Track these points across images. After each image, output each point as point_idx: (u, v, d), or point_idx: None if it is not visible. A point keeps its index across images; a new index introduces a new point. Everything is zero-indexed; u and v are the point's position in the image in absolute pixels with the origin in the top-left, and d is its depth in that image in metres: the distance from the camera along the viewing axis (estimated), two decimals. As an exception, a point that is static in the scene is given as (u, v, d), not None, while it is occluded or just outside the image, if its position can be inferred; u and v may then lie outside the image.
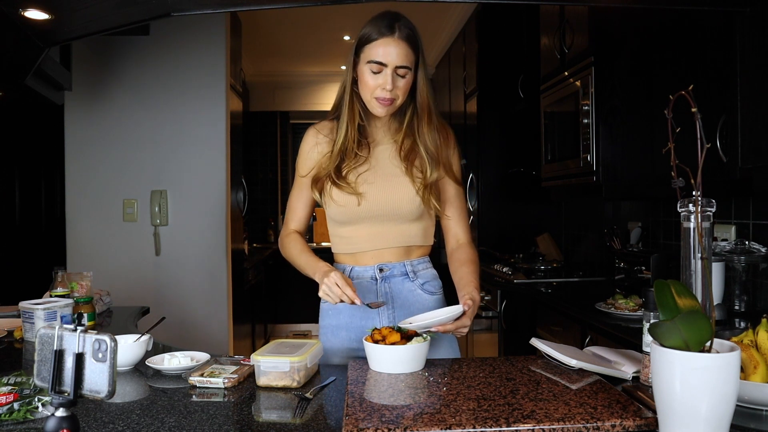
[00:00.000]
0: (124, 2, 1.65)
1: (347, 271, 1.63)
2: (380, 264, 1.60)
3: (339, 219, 1.60)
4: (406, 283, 1.61)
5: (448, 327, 1.38)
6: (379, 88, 1.50)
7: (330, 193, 1.57)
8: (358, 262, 1.62)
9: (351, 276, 1.62)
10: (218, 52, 3.49)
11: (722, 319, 1.99)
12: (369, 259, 1.61)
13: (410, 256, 1.63)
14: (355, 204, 1.55)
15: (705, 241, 0.98)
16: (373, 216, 1.57)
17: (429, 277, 1.65)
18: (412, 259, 1.62)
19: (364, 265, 1.61)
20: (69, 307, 1.84)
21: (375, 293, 1.60)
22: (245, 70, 4.52)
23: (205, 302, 3.48)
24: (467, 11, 4.43)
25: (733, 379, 0.88)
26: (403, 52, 1.49)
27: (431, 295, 1.64)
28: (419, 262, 1.64)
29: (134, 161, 3.44)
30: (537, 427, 0.96)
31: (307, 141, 1.66)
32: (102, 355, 0.87)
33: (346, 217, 1.58)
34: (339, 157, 1.57)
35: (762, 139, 1.72)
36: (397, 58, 1.48)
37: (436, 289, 1.66)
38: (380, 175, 1.58)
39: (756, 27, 1.73)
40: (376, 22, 1.51)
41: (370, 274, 1.60)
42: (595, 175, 2.62)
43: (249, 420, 1.13)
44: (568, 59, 2.91)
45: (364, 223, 1.58)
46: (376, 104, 1.53)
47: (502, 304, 3.28)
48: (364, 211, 1.56)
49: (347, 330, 1.61)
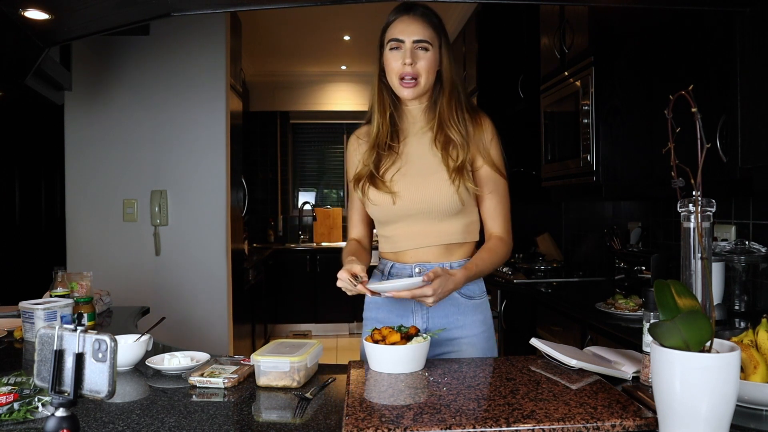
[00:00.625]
0: (124, 2, 1.65)
1: (387, 268, 1.62)
2: (418, 264, 1.58)
3: (378, 219, 1.61)
4: None
5: (403, 294, 1.37)
6: (400, 65, 1.51)
7: (368, 194, 1.57)
8: (398, 260, 1.62)
9: (391, 272, 1.61)
10: (218, 52, 3.49)
11: (722, 319, 1.99)
12: (408, 257, 1.59)
13: (452, 256, 1.58)
14: (390, 203, 1.55)
15: (705, 241, 0.98)
16: (410, 214, 1.55)
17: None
18: (452, 261, 1.57)
19: (404, 263, 1.60)
20: (69, 307, 1.84)
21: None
22: (245, 70, 4.52)
23: (205, 302, 3.48)
24: (467, 11, 4.43)
25: (733, 379, 0.88)
26: (419, 27, 1.51)
27: (469, 300, 1.58)
28: (460, 263, 1.56)
29: (134, 161, 3.44)
30: (537, 427, 0.96)
31: (349, 148, 1.68)
32: (102, 355, 0.87)
33: (384, 216, 1.58)
34: (375, 151, 1.57)
35: (762, 139, 1.72)
36: (414, 32, 1.50)
37: (477, 294, 1.60)
38: (415, 172, 1.56)
39: (756, 27, 1.73)
40: (394, 9, 1.55)
41: (408, 272, 1.59)
42: (595, 175, 2.62)
43: (249, 420, 1.13)
44: (568, 59, 2.91)
45: (402, 222, 1.57)
46: (400, 86, 1.53)
47: (502, 304, 3.28)
48: (400, 209, 1.55)
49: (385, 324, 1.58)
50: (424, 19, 1.52)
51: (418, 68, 1.51)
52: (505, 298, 3.26)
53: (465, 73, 4.47)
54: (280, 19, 4.87)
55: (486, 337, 1.60)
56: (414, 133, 1.60)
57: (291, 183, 6.94)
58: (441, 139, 1.55)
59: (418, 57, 1.51)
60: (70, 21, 1.77)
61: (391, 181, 1.55)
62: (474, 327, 1.58)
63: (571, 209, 3.89)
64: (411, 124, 1.61)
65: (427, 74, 1.53)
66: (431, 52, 1.52)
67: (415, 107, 1.60)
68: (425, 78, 1.53)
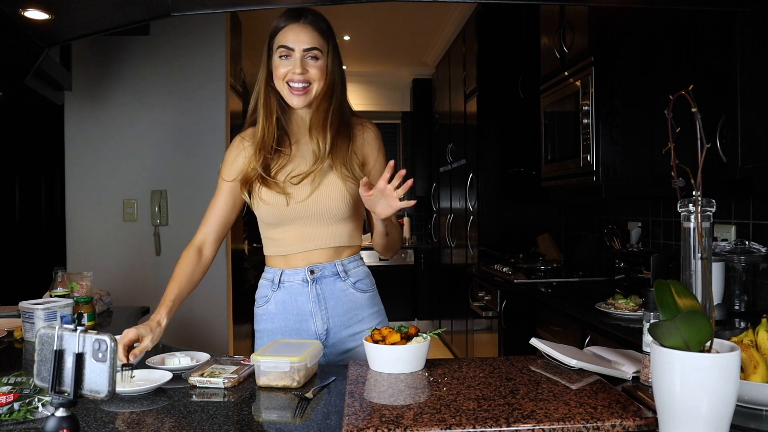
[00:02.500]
0: (124, 2, 1.65)
1: (277, 276, 1.60)
2: (311, 266, 1.58)
3: (268, 220, 1.58)
4: (338, 282, 1.59)
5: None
6: (290, 72, 1.51)
7: (259, 194, 1.55)
8: (288, 265, 1.60)
9: (281, 280, 1.60)
10: (218, 52, 3.49)
11: (722, 319, 1.99)
12: (299, 260, 1.59)
13: (341, 255, 1.61)
14: (284, 204, 1.54)
15: (705, 241, 0.98)
16: (302, 217, 1.55)
17: (361, 275, 1.63)
18: (342, 259, 1.61)
19: (295, 268, 1.59)
20: (69, 307, 1.84)
21: (307, 296, 1.58)
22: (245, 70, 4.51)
23: (205, 302, 3.48)
24: (467, 11, 4.43)
25: (733, 379, 0.88)
26: (309, 35, 1.51)
27: (363, 293, 1.63)
28: (350, 260, 1.62)
29: (134, 161, 3.44)
30: (537, 427, 0.96)
31: (232, 149, 1.64)
32: (102, 355, 0.87)
33: (276, 218, 1.56)
34: (261, 155, 1.55)
35: (762, 139, 1.72)
36: (305, 41, 1.51)
37: (368, 287, 1.65)
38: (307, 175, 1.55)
39: (756, 27, 1.73)
40: (283, 13, 1.55)
41: (301, 276, 1.58)
42: (595, 175, 2.62)
43: (249, 420, 1.13)
44: (568, 59, 2.91)
45: (293, 225, 1.56)
46: (290, 93, 1.53)
47: (502, 304, 3.28)
48: (293, 211, 1.54)
49: (283, 333, 1.60)
50: (314, 27, 1.52)
51: (310, 76, 1.52)
52: (505, 298, 3.26)
53: (465, 73, 4.47)
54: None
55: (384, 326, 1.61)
56: (303, 137, 1.60)
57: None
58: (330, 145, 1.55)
59: (309, 65, 1.52)
60: (70, 21, 1.77)
61: (284, 183, 1.54)
62: (373, 319, 1.63)
63: (571, 209, 3.89)
64: (300, 127, 1.61)
65: (319, 81, 1.53)
66: (321, 60, 1.53)
67: (304, 111, 1.60)
68: (317, 85, 1.53)
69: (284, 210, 1.54)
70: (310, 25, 1.52)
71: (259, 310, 1.65)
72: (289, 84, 1.52)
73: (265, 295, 1.63)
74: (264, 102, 1.57)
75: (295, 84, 1.51)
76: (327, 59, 1.54)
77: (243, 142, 1.62)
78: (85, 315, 1.90)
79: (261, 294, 1.65)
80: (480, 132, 4.11)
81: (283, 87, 1.53)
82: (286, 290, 1.59)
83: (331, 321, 1.58)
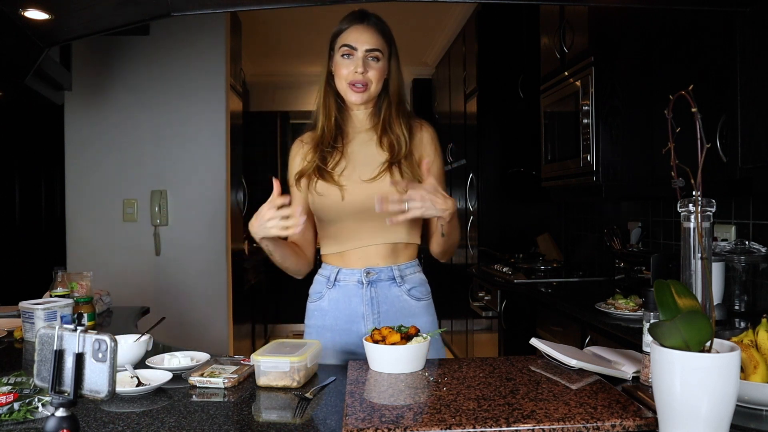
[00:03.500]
0: (124, 2, 1.65)
1: (333, 274, 1.62)
2: (367, 267, 1.59)
3: (324, 216, 1.60)
4: (393, 288, 1.60)
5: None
6: (351, 73, 1.55)
7: (315, 187, 1.58)
8: (345, 264, 1.61)
9: (337, 278, 1.62)
10: (218, 52, 3.49)
11: (722, 319, 1.99)
12: (356, 260, 1.60)
13: (398, 259, 1.61)
14: (339, 198, 1.56)
15: (705, 241, 0.98)
16: (357, 212, 1.56)
17: (416, 282, 1.64)
18: (399, 264, 1.61)
19: (352, 268, 1.60)
20: (69, 307, 1.84)
21: (360, 298, 1.59)
22: (245, 70, 4.52)
23: (205, 302, 3.48)
24: (467, 11, 4.43)
25: (733, 379, 0.88)
26: (372, 37, 1.56)
27: (418, 301, 1.63)
28: (407, 266, 1.63)
29: (134, 161, 3.44)
30: (537, 427, 0.96)
31: (292, 151, 1.69)
32: (102, 355, 0.87)
33: (331, 212, 1.58)
34: (319, 150, 1.60)
35: (762, 139, 1.72)
36: (367, 41, 1.55)
37: (424, 295, 1.65)
38: (360, 171, 1.58)
39: (756, 27, 1.73)
40: (347, 16, 1.60)
41: (357, 277, 1.59)
42: (595, 175, 2.62)
43: (249, 420, 1.13)
44: (568, 59, 2.91)
45: (348, 221, 1.58)
46: (350, 91, 1.56)
47: (502, 304, 3.28)
48: (348, 206, 1.56)
49: (332, 331, 1.61)
50: (376, 29, 1.57)
51: (369, 76, 1.56)
52: (505, 298, 3.26)
53: (465, 73, 4.47)
54: (280, 19, 4.87)
55: (436, 337, 1.61)
56: (359, 135, 1.64)
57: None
58: (386, 141, 1.59)
59: (369, 66, 1.56)
60: (70, 21, 1.77)
61: (339, 177, 1.57)
62: (424, 329, 1.60)
63: (571, 209, 3.89)
64: (355, 127, 1.65)
65: (377, 82, 1.58)
66: (382, 62, 1.58)
67: (361, 111, 1.64)
68: (375, 86, 1.58)
69: (339, 204, 1.56)
70: (373, 27, 1.57)
71: (311, 305, 1.67)
72: (349, 83, 1.56)
73: (320, 291, 1.65)
74: (323, 102, 1.63)
75: (356, 83, 1.55)
76: (387, 61, 1.59)
77: (302, 143, 1.68)
78: (85, 315, 1.90)
79: (315, 290, 1.67)
80: (480, 132, 4.11)
81: (344, 85, 1.57)
82: (341, 289, 1.61)
83: (381, 325, 1.58)
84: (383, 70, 1.58)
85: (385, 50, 1.58)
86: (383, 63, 1.58)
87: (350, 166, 1.59)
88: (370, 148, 1.61)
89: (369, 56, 1.55)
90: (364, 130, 1.64)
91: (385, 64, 1.58)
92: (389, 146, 1.58)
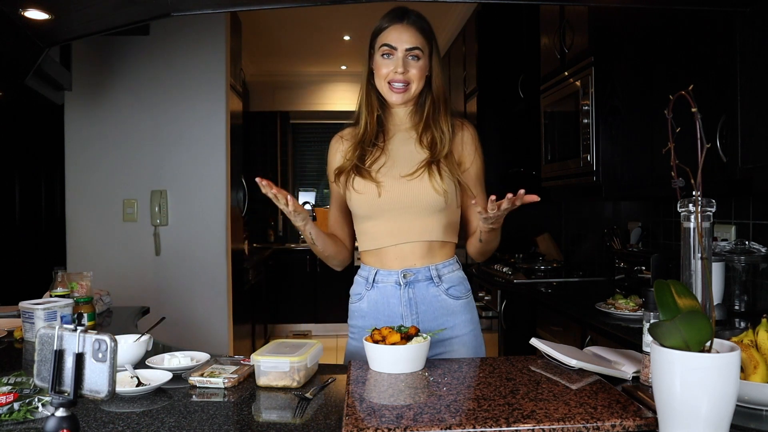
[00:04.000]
0: (124, 2, 1.65)
1: (372, 275, 1.62)
2: (405, 269, 1.58)
3: (361, 212, 1.60)
4: (431, 288, 1.59)
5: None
6: (391, 72, 1.54)
7: (352, 184, 1.58)
8: (383, 265, 1.61)
9: (375, 280, 1.61)
10: (218, 52, 3.49)
11: (722, 319, 1.99)
12: (393, 260, 1.59)
13: (434, 258, 1.60)
14: (376, 195, 1.55)
15: (705, 241, 0.98)
16: (394, 208, 1.56)
17: (455, 281, 1.62)
18: (436, 263, 1.60)
19: (389, 269, 1.59)
20: (69, 307, 1.84)
21: (398, 299, 1.59)
22: (245, 70, 4.52)
23: (205, 302, 3.48)
24: (467, 11, 4.43)
25: (733, 379, 0.88)
26: (412, 36, 1.55)
27: (456, 300, 1.61)
28: (444, 265, 1.60)
29: (134, 161, 3.44)
30: (537, 427, 0.96)
31: (331, 146, 1.71)
32: (102, 355, 0.87)
33: (368, 208, 1.58)
34: (359, 147, 1.61)
35: (762, 139, 1.72)
36: (407, 40, 1.54)
37: (462, 293, 1.62)
38: (400, 167, 1.58)
39: (756, 27, 1.73)
40: (387, 14, 1.58)
41: (395, 278, 1.59)
42: (595, 175, 2.62)
43: (249, 420, 1.13)
44: (568, 59, 2.91)
45: (384, 217, 1.57)
46: (390, 91, 1.56)
47: (502, 304, 3.28)
48: (385, 203, 1.56)
49: None
50: (416, 27, 1.56)
51: (410, 76, 1.55)
52: (505, 298, 3.26)
53: (465, 73, 4.47)
54: (280, 19, 4.87)
55: (474, 335, 1.63)
56: (399, 133, 1.64)
57: (291, 183, 6.94)
58: (426, 139, 1.59)
59: (410, 65, 1.55)
60: (70, 21, 1.77)
61: (377, 174, 1.58)
62: (464, 327, 1.61)
63: (571, 209, 3.89)
64: (397, 125, 1.65)
65: (418, 81, 1.57)
66: (422, 60, 1.57)
67: (402, 109, 1.64)
68: (416, 85, 1.57)
69: (376, 201, 1.56)
70: (413, 26, 1.56)
71: (352, 306, 1.68)
72: (389, 83, 1.56)
73: (359, 292, 1.65)
74: (366, 101, 1.63)
75: (396, 83, 1.55)
76: (428, 59, 1.58)
77: (341, 139, 1.69)
78: (85, 315, 1.90)
79: (355, 291, 1.67)
80: (480, 132, 4.10)
81: (384, 85, 1.57)
82: (380, 290, 1.60)
83: (421, 326, 1.57)
84: (424, 68, 1.57)
85: (426, 48, 1.57)
86: (424, 61, 1.56)
87: (389, 163, 1.59)
88: (410, 146, 1.61)
89: (409, 55, 1.54)
90: (404, 128, 1.64)
91: (425, 62, 1.57)
92: (430, 144, 1.58)
